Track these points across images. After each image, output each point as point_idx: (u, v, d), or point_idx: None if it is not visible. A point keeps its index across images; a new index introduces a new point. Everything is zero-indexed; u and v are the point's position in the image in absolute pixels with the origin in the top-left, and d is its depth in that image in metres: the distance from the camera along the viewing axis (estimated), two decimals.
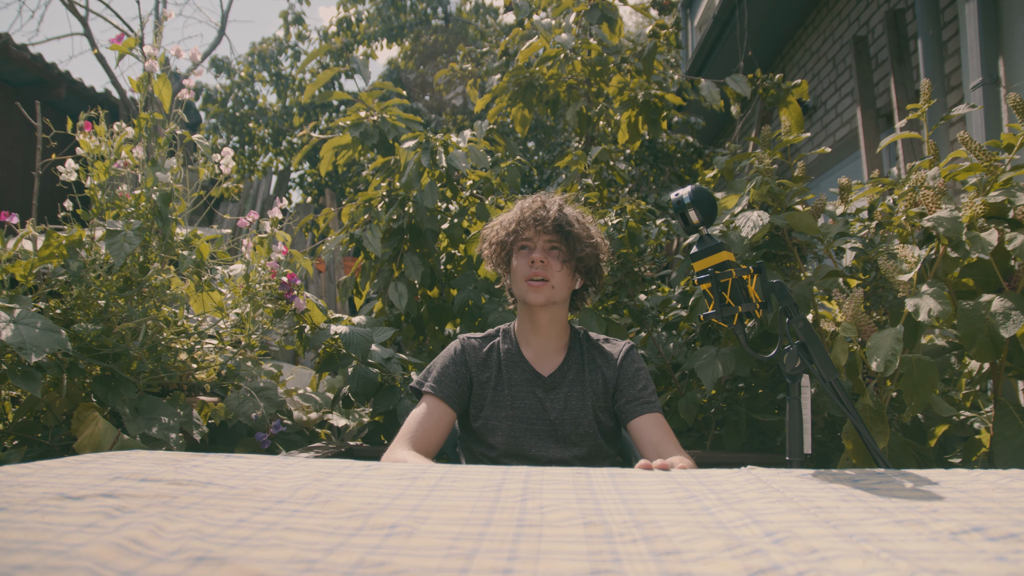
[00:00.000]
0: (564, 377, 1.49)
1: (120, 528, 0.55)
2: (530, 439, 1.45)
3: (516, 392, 1.47)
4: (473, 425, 1.49)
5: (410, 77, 13.35)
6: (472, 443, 1.51)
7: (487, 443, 1.47)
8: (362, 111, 2.78)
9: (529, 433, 1.45)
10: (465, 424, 1.53)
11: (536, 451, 1.44)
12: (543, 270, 1.45)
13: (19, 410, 1.72)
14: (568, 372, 1.49)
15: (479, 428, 1.48)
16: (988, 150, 1.55)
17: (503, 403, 1.47)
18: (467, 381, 1.50)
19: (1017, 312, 1.36)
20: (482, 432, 1.48)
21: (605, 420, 1.49)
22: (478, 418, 1.48)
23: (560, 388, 1.48)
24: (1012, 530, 0.58)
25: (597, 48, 3.49)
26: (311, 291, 6.38)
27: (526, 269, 1.46)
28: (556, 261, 1.47)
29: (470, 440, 1.52)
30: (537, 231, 1.47)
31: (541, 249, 1.47)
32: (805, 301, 1.76)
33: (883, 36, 4.01)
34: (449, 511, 0.67)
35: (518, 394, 1.47)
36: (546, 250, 1.47)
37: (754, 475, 0.89)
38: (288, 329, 2.18)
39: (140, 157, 1.82)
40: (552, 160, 8.88)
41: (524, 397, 1.47)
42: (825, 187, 4.97)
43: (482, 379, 1.49)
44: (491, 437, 1.46)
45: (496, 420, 1.46)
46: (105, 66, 7.23)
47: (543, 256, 1.46)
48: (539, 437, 1.46)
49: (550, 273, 1.45)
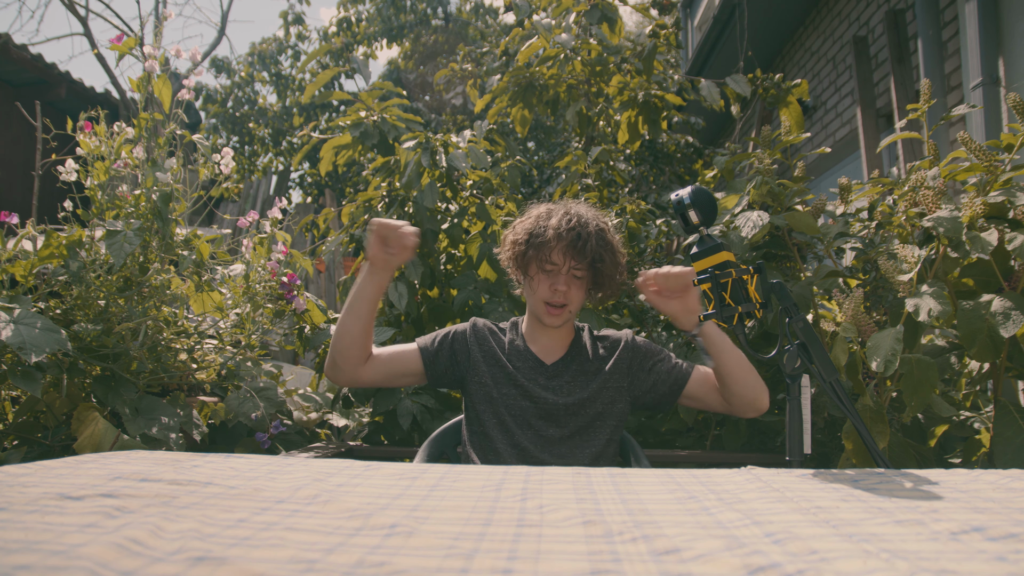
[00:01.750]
0: (567, 366, 1.52)
1: (120, 528, 0.55)
2: (526, 414, 1.47)
3: (518, 372, 1.50)
4: (473, 396, 1.50)
5: (410, 77, 13.36)
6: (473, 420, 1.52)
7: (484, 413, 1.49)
8: (362, 111, 2.78)
9: (526, 407, 1.47)
10: (468, 403, 1.54)
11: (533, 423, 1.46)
12: (564, 298, 1.45)
13: (19, 410, 1.72)
14: (572, 362, 1.52)
15: (477, 395, 1.49)
16: (988, 150, 1.55)
17: (503, 379, 1.49)
18: (464, 357, 1.52)
19: (1017, 312, 1.36)
20: (479, 398, 1.49)
21: (604, 399, 1.49)
22: (481, 386, 1.49)
23: (563, 376, 1.50)
24: (1012, 530, 0.58)
25: (597, 48, 3.49)
26: (311, 291, 6.38)
27: (547, 294, 1.45)
28: (578, 291, 1.47)
29: (472, 421, 1.52)
30: (566, 258, 1.44)
31: (566, 277, 1.45)
32: (805, 301, 1.76)
33: (883, 36, 4.01)
34: (449, 511, 0.67)
35: (520, 373, 1.49)
36: (571, 278, 1.46)
37: (754, 475, 0.89)
38: (288, 329, 2.18)
39: (140, 157, 1.82)
40: (552, 160, 8.88)
41: (525, 378, 1.49)
42: (825, 187, 4.97)
43: (486, 354, 1.52)
44: (489, 405, 1.48)
45: (496, 390, 1.48)
46: (105, 66, 7.23)
47: (567, 285, 1.45)
48: (535, 416, 1.47)
49: (570, 297, 1.46)
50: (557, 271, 1.45)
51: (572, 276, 1.46)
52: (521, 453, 1.43)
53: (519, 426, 1.46)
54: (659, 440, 2.35)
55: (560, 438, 1.45)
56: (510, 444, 1.44)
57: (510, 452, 1.43)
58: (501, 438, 1.46)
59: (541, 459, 1.41)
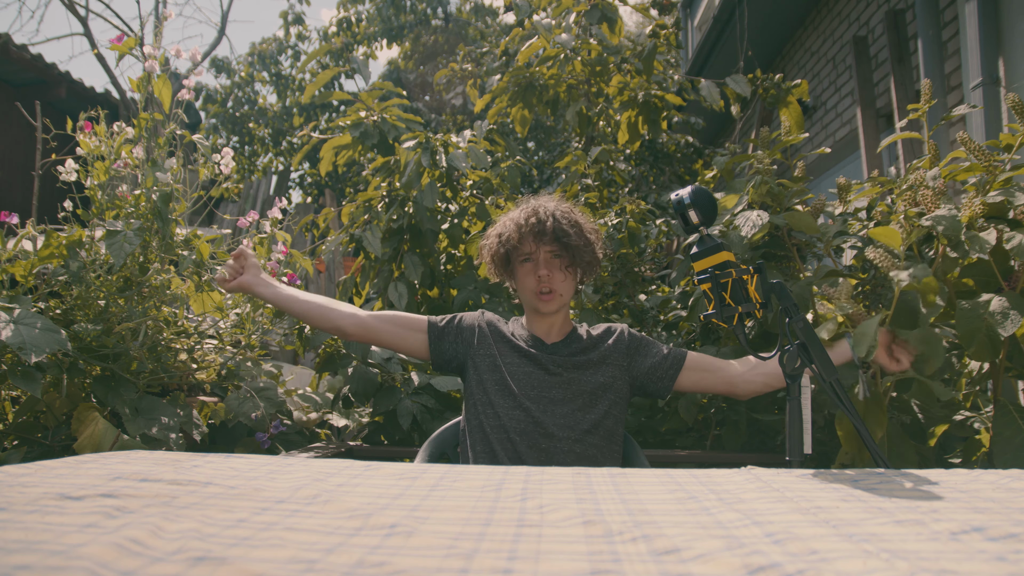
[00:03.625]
0: (568, 346, 1.59)
1: (120, 528, 0.55)
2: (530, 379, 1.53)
3: (523, 344, 1.58)
4: (479, 366, 1.56)
5: (410, 77, 13.36)
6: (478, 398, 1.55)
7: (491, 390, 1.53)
8: (362, 111, 2.78)
9: (530, 371, 1.53)
10: (468, 388, 1.58)
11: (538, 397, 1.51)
12: (549, 282, 1.53)
13: (19, 410, 1.72)
14: (572, 343, 1.60)
15: (483, 365, 1.55)
16: (988, 150, 1.54)
17: (508, 351, 1.57)
18: (470, 335, 1.60)
19: (1015, 312, 1.36)
20: (485, 367, 1.55)
21: (604, 373, 1.55)
22: (487, 356, 1.56)
23: (562, 351, 1.57)
24: (1012, 530, 0.58)
25: (597, 48, 3.49)
26: (311, 291, 6.37)
27: (534, 284, 1.55)
28: (559, 271, 1.55)
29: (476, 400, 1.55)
30: (537, 244, 1.54)
31: (544, 261, 1.54)
32: (805, 301, 1.76)
33: (883, 36, 4.01)
34: (449, 511, 0.67)
35: (524, 345, 1.57)
36: (548, 260, 1.55)
37: (754, 475, 0.89)
38: (288, 329, 2.18)
39: (140, 157, 1.82)
40: (552, 160, 8.88)
41: (528, 346, 1.57)
42: (825, 187, 4.97)
43: (493, 332, 1.60)
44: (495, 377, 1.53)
45: (501, 359, 1.56)
46: (105, 66, 7.23)
47: (547, 269, 1.53)
48: (538, 380, 1.52)
49: (556, 284, 1.54)
50: (534, 258, 1.55)
51: (550, 259, 1.55)
52: (524, 414, 1.47)
53: (522, 388, 1.51)
54: (659, 440, 2.35)
55: (563, 399, 1.50)
56: (513, 406, 1.49)
57: (512, 416, 1.47)
58: (503, 402, 1.50)
59: (542, 420, 1.45)
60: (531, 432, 1.46)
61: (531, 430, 1.46)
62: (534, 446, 1.45)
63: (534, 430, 1.46)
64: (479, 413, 1.51)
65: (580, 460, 1.45)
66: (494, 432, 1.48)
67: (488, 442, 1.48)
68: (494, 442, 1.47)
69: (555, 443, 1.45)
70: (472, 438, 1.52)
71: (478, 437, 1.50)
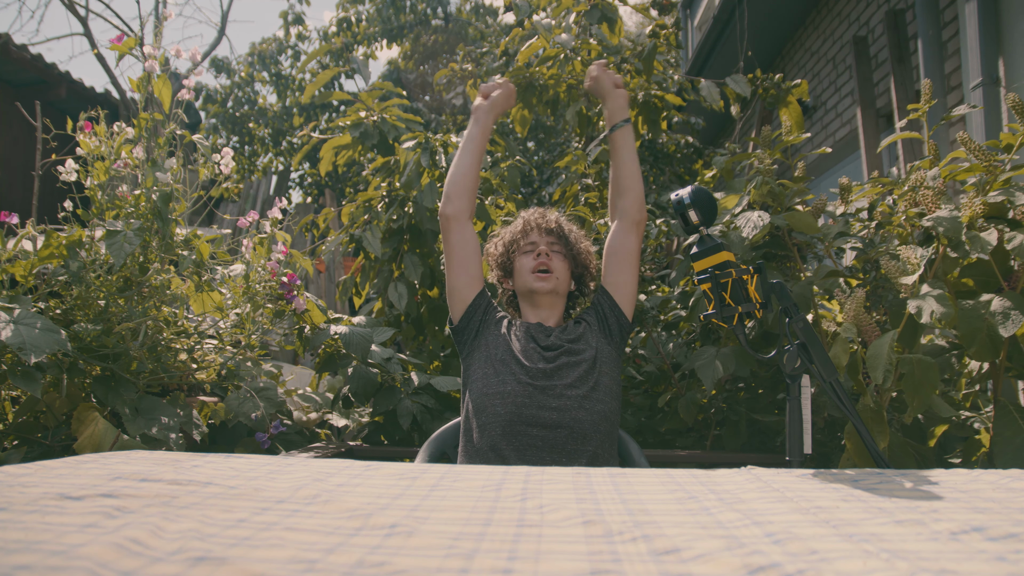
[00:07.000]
0: (563, 330, 1.66)
1: (120, 528, 0.55)
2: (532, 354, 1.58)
3: (524, 325, 1.66)
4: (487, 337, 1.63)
5: (410, 77, 13.35)
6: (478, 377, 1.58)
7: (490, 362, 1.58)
8: (362, 111, 2.78)
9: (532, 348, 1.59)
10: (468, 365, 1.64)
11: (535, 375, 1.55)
12: (547, 261, 1.67)
13: (19, 410, 1.72)
14: (566, 328, 1.67)
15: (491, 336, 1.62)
16: (988, 150, 1.55)
17: (512, 327, 1.65)
18: (492, 312, 1.68)
19: (1016, 312, 1.36)
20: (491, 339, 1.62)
21: (591, 341, 1.62)
22: (496, 324, 1.65)
23: (557, 335, 1.64)
24: (1012, 530, 0.58)
25: (597, 48, 3.49)
26: (311, 291, 6.38)
27: (532, 263, 1.68)
28: (558, 256, 1.71)
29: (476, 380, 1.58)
30: (540, 234, 1.73)
31: (546, 249, 1.71)
32: (805, 301, 1.76)
33: (883, 36, 4.01)
34: (449, 511, 0.67)
35: (525, 325, 1.66)
36: (550, 249, 1.71)
37: (754, 475, 0.89)
38: (288, 329, 2.18)
39: (140, 157, 1.82)
40: (552, 160, 8.88)
41: (530, 327, 1.65)
42: (825, 187, 4.97)
43: (503, 320, 1.68)
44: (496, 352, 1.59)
45: (508, 332, 1.64)
46: (105, 66, 7.22)
47: (548, 255, 1.69)
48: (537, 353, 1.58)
49: (553, 266, 1.68)
50: (536, 247, 1.71)
51: (550, 246, 1.71)
52: (524, 388, 1.51)
53: (528, 358, 1.56)
54: (659, 440, 2.35)
55: (556, 369, 1.55)
56: (515, 381, 1.53)
57: (516, 388, 1.52)
58: (508, 371, 1.55)
59: (542, 387, 1.51)
60: (535, 396, 1.52)
61: (535, 394, 1.53)
62: (544, 406, 1.51)
63: (535, 395, 1.53)
64: (482, 383, 1.56)
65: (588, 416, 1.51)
66: (496, 398, 1.53)
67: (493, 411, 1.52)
68: (497, 404, 1.52)
69: (564, 402, 1.51)
70: (475, 405, 1.56)
71: (481, 405, 1.55)
